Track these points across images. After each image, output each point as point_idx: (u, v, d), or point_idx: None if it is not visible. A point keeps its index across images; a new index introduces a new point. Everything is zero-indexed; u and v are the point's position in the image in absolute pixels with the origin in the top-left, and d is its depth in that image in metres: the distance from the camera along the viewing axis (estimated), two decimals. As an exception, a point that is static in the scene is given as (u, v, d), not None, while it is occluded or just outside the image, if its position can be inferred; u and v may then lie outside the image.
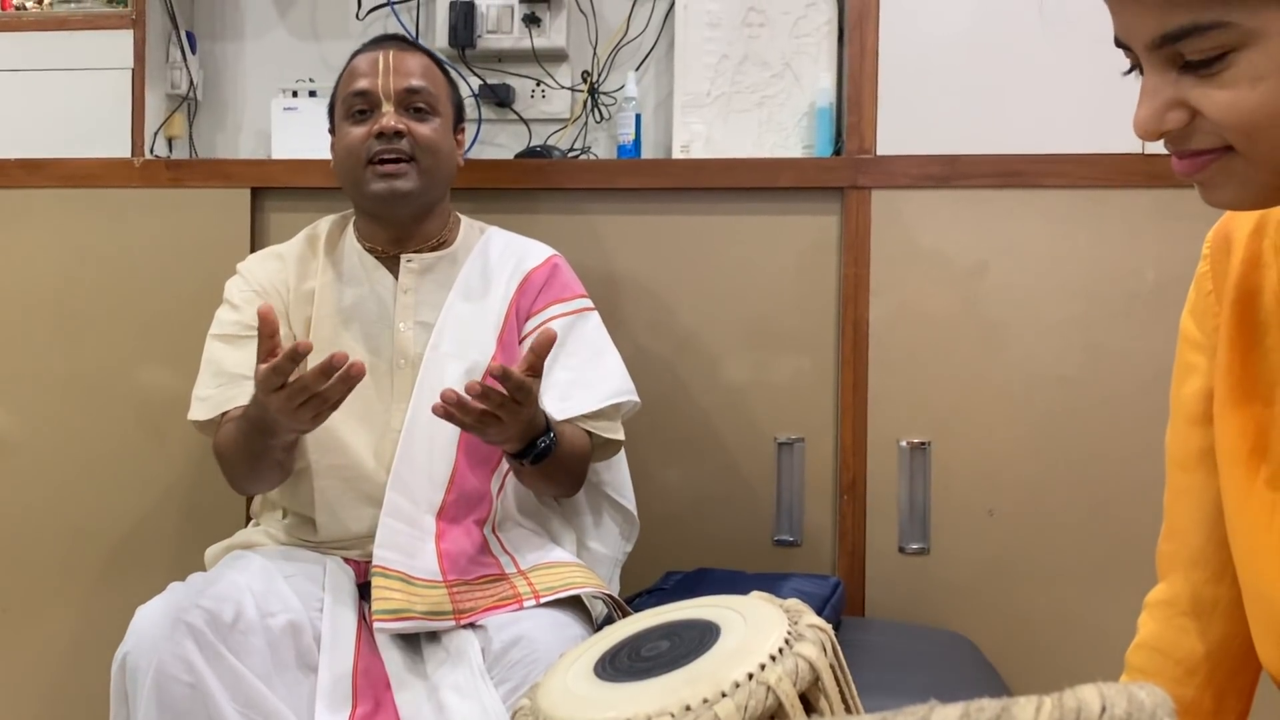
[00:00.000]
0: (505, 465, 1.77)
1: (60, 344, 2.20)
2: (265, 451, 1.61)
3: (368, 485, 1.71)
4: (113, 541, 2.18)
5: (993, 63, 2.04)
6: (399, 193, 1.74)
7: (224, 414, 1.73)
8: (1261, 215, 0.92)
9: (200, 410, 1.76)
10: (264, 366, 1.43)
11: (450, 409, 1.48)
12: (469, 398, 1.47)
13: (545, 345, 1.53)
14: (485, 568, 1.68)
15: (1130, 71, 0.83)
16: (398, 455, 1.69)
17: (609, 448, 1.83)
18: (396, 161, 1.73)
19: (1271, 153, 0.76)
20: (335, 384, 1.43)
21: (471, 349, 1.76)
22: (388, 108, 1.75)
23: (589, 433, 1.78)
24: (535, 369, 1.53)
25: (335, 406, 1.48)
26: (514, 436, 1.58)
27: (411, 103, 1.77)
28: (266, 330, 1.45)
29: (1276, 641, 0.89)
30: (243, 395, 1.69)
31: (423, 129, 1.76)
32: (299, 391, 1.43)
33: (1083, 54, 1.95)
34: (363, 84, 1.76)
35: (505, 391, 1.48)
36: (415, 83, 1.77)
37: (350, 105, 1.78)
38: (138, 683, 1.41)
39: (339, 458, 1.73)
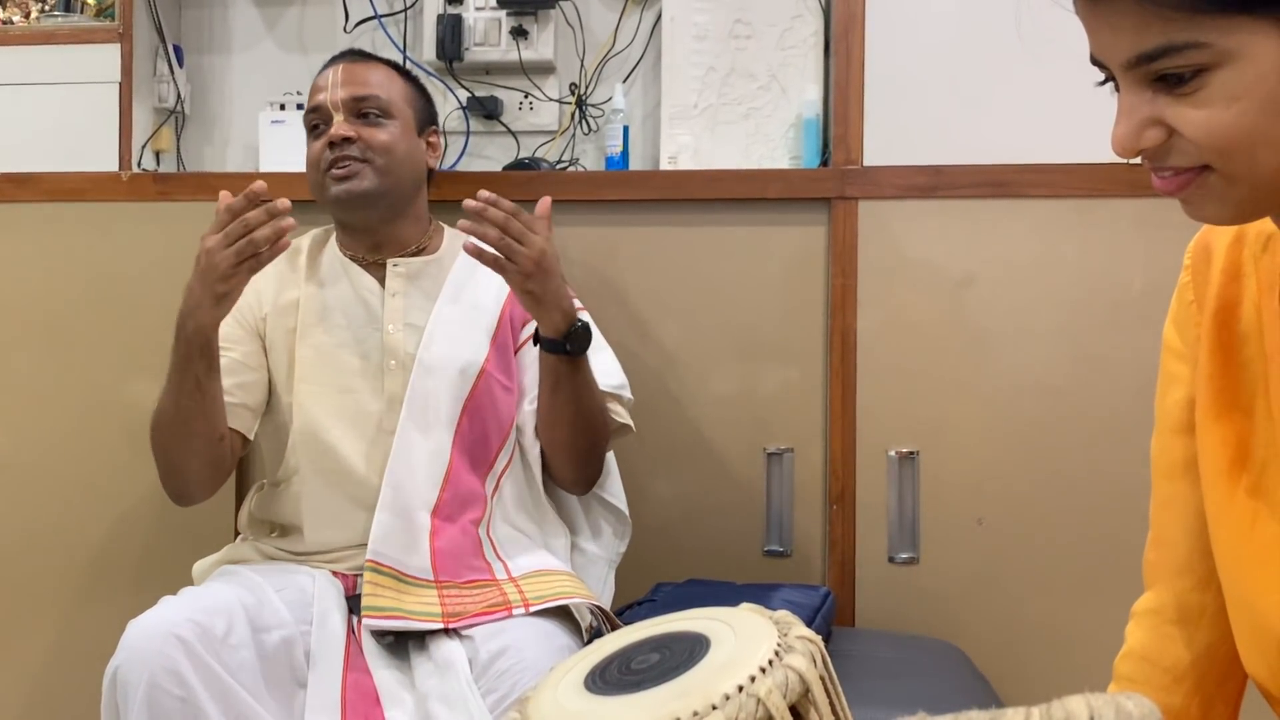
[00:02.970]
0: (500, 465, 1.78)
1: (48, 358, 2.20)
2: (186, 365, 1.62)
3: (357, 490, 1.72)
4: (100, 555, 2.18)
5: (978, 73, 2.05)
6: (355, 193, 1.77)
7: None
8: (1241, 226, 0.93)
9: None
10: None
11: (478, 221, 1.62)
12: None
13: (545, 206, 1.69)
14: (477, 571, 1.69)
15: (1103, 84, 0.83)
16: (393, 454, 1.70)
17: (618, 432, 1.85)
18: (348, 164, 1.77)
19: (1248, 170, 0.77)
20: (262, 216, 1.54)
21: (464, 349, 1.78)
22: (338, 118, 1.79)
23: None
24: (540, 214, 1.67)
25: (258, 259, 1.56)
26: (550, 286, 1.65)
27: (361, 109, 1.81)
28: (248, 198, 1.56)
29: (1260, 648, 0.90)
30: None
31: (373, 133, 1.80)
32: (238, 228, 1.54)
33: (1068, 65, 1.96)
34: (316, 99, 1.82)
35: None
36: (363, 91, 1.81)
37: (308, 122, 1.84)
38: (129, 696, 1.41)
39: (328, 462, 1.74)
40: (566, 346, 1.69)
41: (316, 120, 1.82)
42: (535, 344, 1.73)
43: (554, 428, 1.77)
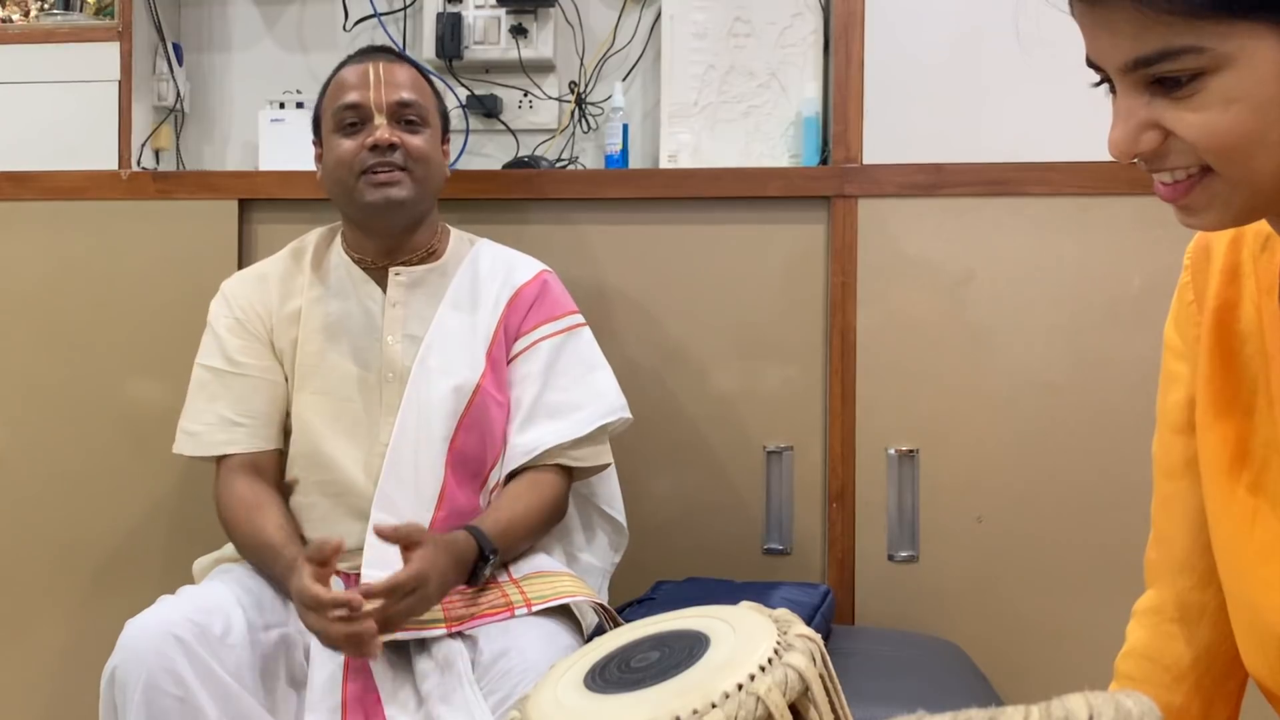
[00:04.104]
0: (494, 481, 1.77)
1: (48, 356, 2.20)
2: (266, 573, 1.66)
3: (357, 500, 1.71)
4: (100, 554, 2.17)
5: (978, 71, 2.05)
6: (394, 201, 1.74)
7: (221, 457, 1.76)
8: (1239, 227, 0.93)
9: (188, 445, 1.79)
10: (319, 592, 1.44)
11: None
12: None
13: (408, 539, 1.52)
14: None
15: (1099, 85, 0.83)
16: (384, 472, 1.69)
17: (596, 469, 1.84)
18: (390, 171, 1.74)
19: (1247, 173, 0.77)
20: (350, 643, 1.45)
21: (460, 364, 1.76)
22: (380, 120, 1.75)
23: (567, 467, 1.78)
24: (410, 548, 1.51)
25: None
26: (441, 594, 1.55)
27: (403, 115, 1.77)
28: (323, 555, 1.45)
29: (1260, 646, 0.90)
30: (234, 440, 1.75)
31: (415, 140, 1.76)
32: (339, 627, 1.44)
33: (1067, 63, 1.96)
34: (353, 97, 1.76)
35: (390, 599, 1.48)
36: (407, 95, 1.77)
37: (341, 118, 1.77)
38: (127, 696, 1.41)
39: (326, 473, 1.73)
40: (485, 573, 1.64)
41: (354, 118, 1.76)
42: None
43: None
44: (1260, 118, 0.75)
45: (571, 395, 1.79)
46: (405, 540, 1.50)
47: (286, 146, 2.27)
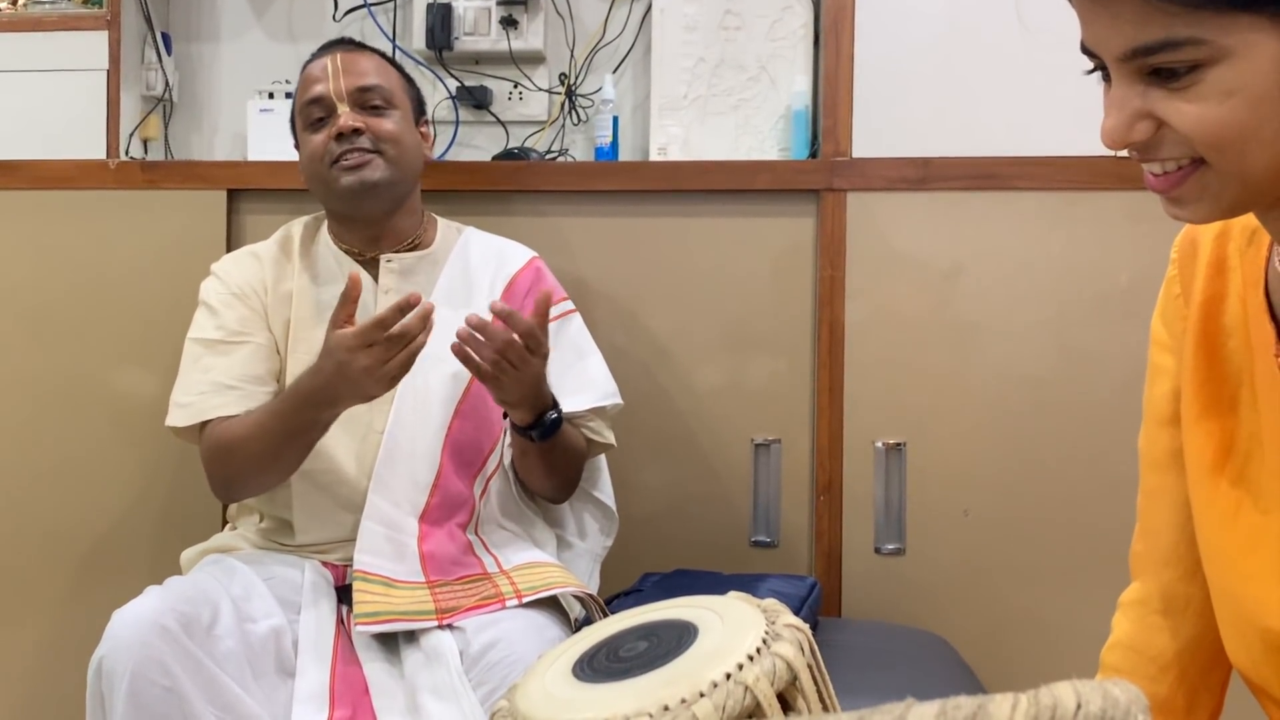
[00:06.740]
0: (489, 468, 1.77)
1: (35, 346, 2.19)
2: (309, 429, 1.62)
3: (347, 491, 1.70)
4: (88, 545, 2.17)
5: (968, 66, 2.05)
6: (368, 183, 1.73)
7: (205, 421, 1.72)
8: (1226, 221, 0.93)
9: (180, 416, 1.74)
10: (358, 326, 1.49)
11: (467, 347, 1.54)
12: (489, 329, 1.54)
13: (546, 303, 1.59)
14: (468, 568, 1.68)
15: (1092, 73, 0.83)
16: (380, 458, 1.69)
17: (595, 448, 1.85)
18: (359, 154, 1.73)
19: (1239, 166, 0.77)
20: (416, 325, 1.49)
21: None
22: (343, 109, 1.75)
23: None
24: (541, 323, 1.57)
25: (412, 360, 1.52)
26: (527, 395, 1.62)
27: (366, 101, 1.77)
28: (352, 294, 1.51)
29: (1243, 638, 0.90)
30: (227, 404, 1.70)
31: (381, 123, 1.76)
32: (396, 340, 1.48)
33: (1057, 57, 1.96)
34: (316, 90, 1.77)
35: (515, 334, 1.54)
36: (367, 80, 1.77)
37: (308, 115, 1.78)
38: (114, 686, 1.40)
39: (318, 463, 1.72)
40: (532, 435, 1.68)
41: (319, 112, 1.76)
42: (505, 416, 1.73)
43: (525, 475, 1.80)
44: (1256, 112, 0.75)
45: (563, 380, 1.79)
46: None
47: (275, 137, 2.25)
